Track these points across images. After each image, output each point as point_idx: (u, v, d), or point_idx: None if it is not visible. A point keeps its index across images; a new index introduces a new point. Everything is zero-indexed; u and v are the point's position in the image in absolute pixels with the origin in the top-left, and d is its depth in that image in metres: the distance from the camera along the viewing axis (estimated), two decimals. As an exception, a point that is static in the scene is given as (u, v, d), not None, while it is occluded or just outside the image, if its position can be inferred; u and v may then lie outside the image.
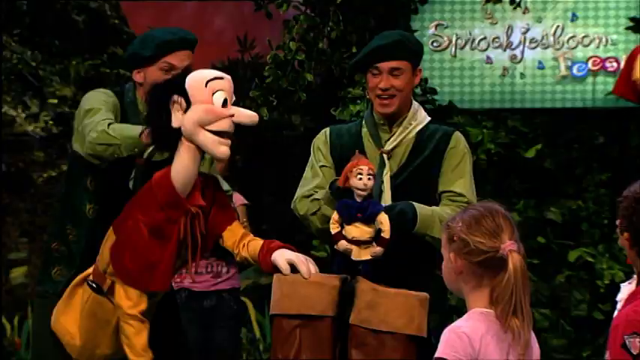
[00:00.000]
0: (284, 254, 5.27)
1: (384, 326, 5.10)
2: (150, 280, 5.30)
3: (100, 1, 10.53)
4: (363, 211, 5.22)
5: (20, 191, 9.52)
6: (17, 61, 10.03)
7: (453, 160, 5.73)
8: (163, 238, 5.30)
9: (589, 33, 8.60)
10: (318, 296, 5.25)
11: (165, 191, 5.24)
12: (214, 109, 5.10)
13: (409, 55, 5.79)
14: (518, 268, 3.91)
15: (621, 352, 3.91)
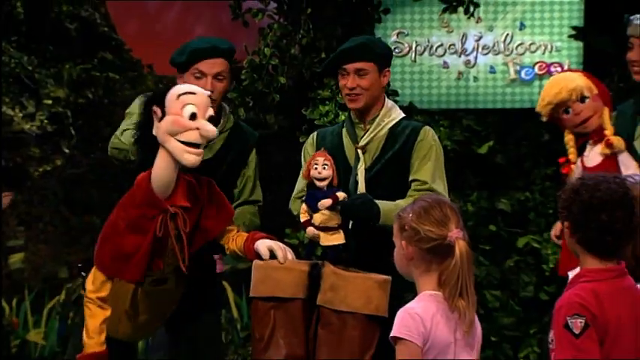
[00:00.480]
0: (265, 242, 5.36)
1: (345, 307, 5.16)
2: (122, 271, 5.34)
3: (91, 11, 10.49)
4: (325, 198, 5.30)
5: (18, 184, 9.50)
6: (15, 65, 10.01)
7: (421, 152, 5.72)
8: (139, 233, 5.30)
9: (535, 40, 8.61)
10: (289, 280, 5.31)
11: (144, 191, 5.27)
12: (180, 121, 5.12)
13: (374, 57, 5.79)
14: (464, 254, 4.05)
15: (564, 331, 3.94)
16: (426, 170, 5.67)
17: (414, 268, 4.19)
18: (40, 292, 8.99)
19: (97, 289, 5.33)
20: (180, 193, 5.34)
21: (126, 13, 11.14)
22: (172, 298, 5.71)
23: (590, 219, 4.03)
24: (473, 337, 4.17)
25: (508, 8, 8.65)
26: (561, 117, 5.92)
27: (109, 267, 5.36)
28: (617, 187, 4.09)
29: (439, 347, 4.06)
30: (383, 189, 5.64)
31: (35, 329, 8.74)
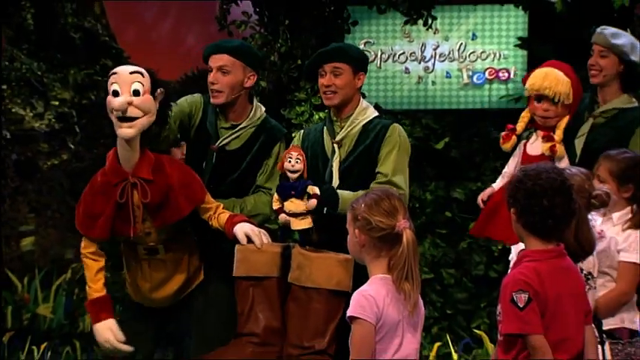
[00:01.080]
0: (243, 227, 5.44)
1: (310, 283, 5.23)
2: (91, 229, 5.46)
3: (93, 22, 10.46)
4: (296, 189, 5.37)
5: (29, 176, 9.53)
6: (25, 70, 10.00)
7: (387, 147, 5.69)
8: (104, 197, 5.39)
9: (486, 49, 8.72)
10: (264, 261, 5.41)
11: (110, 162, 5.40)
12: (108, 99, 5.25)
13: (349, 60, 5.78)
14: (410, 242, 4.11)
15: (510, 305, 4.00)
16: (389, 164, 5.63)
17: (365, 254, 4.23)
18: (49, 272, 9.02)
19: (85, 246, 5.51)
20: (144, 166, 5.39)
21: (124, 24, 11.14)
22: (167, 270, 5.73)
23: (533, 205, 4.06)
24: (417, 316, 4.18)
25: (462, 20, 8.69)
26: (532, 100, 5.94)
27: (82, 225, 5.49)
28: (556, 176, 4.12)
29: (389, 325, 4.09)
30: (354, 179, 5.63)
31: (44, 304, 8.75)
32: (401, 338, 4.14)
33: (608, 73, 6.26)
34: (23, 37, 10.22)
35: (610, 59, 6.26)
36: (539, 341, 3.99)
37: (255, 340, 5.40)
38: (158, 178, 5.45)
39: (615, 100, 6.29)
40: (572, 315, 4.12)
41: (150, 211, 5.47)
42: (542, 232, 4.12)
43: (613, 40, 6.27)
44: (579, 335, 4.16)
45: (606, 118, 6.27)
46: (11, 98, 9.92)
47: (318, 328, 5.24)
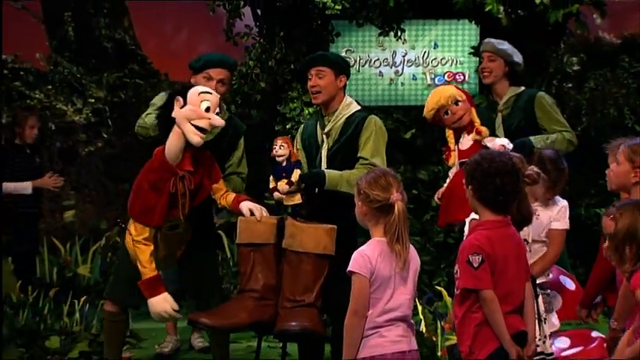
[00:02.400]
0: (246, 204, 5.45)
1: (300, 248, 5.25)
2: (148, 219, 5.39)
3: (122, 34, 10.44)
4: (286, 171, 5.43)
5: (70, 160, 9.51)
6: (67, 73, 9.98)
7: (365, 135, 5.69)
8: (158, 191, 5.33)
9: (445, 56, 8.66)
10: (262, 230, 5.41)
11: (160, 160, 5.32)
12: (197, 111, 5.22)
13: (329, 64, 5.79)
14: (401, 211, 4.12)
15: (466, 265, 4.04)
16: (368, 149, 5.63)
17: (367, 221, 4.24)
18: (87, 239, 9.00)
19: (138, 233, 5.40)
20: (186, 160, 5.36)
21: (148, 36, 11.13)
22: (182, 239, 5.70)
23: (488, 183, 4.11)
24: (408, 271, 4.18)
25: (426, 33, 8.68)
26: (442, 118, 5.87)
27: (139, 217, 5.43)
28: (507, 160, 4.20)
29: (382, 278, 4.11)
30: (339, 163, 5.64)
31: (83, 265, 8.73)
32: (392, 290, 4.15)
33: (497, 74, 6.54)
34: (66, 47, 10.19)
35: (497, 62, 6.54)
36: (490, 295, 4.03)
37: (255, 295, 5.39)
38: (197, 168, 5.46)
39: (507, 92, 6.55)
40: (515, 273, 4.16)
41: (191, 196, 5.46)
42: (494, 205, 4.16)
43: (499, 46, 6.55)
44: (521, 290, 4.20)
45: (508, 107, 6.50)
46: (55, 96, 9.90)
47: (307, 285, 5.26)
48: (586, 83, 8.94)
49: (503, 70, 6.51)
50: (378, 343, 4.15)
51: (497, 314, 4.05)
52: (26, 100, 9.74)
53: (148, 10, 11.87)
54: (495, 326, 4.05)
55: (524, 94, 6.52)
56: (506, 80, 6.54)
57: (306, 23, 8.62)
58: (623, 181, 4.76)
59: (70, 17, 10.19)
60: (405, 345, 4.19)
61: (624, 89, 8.84)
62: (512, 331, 4.08)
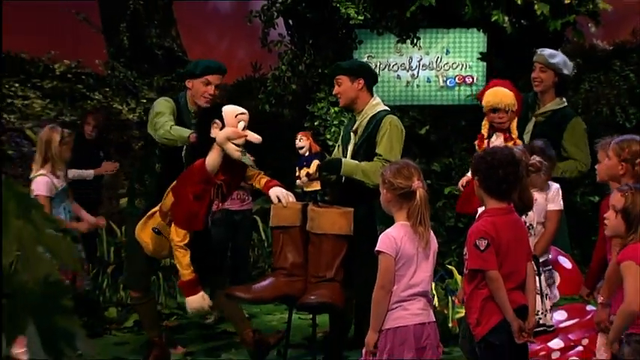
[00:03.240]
0: (275, 191, 5.49)
1: (320, 230, 5.31)
2: (192, 225, 5.43)
3: (171, 42, 10.49)
4: (307, 162, 5.45)
5: (124, 154, 9.53)
6: (123, 77, 10.03)
7: (381, 133, 5.69)
8: (201, 200, 5.38)
9: (456, 61, 8.59)
10: (289, 214, 5.47)
11: (202, 172, 5.36)
12: (238, 132, 5.28)
13: (343, 71, 5.85)
14: (422, 197, 4.11)
15: (474, 248, 4.06)
16: (383, 146, 5.65)
17: (391, 207, 4.22)
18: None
19: (181, 239, 5.41)
20: (220, 170, 5.41)
21: (193, 44, 11.17)
22: None
23: (492, 174, 4.13)
24: (429, 250, 4.17)
25: (438, 40, 8.63)
26: (490, 114, 5.87)
27: (184, 224, 5.44)
28: (508, 152, 4.28)
29: (406, 257, 4.09)
30: (362, 158, 5.68)
31: (136, 246, 8.79)
32: (415, 267, 4.13)
33: (546, 84, 6.41)
34: (121, 54, 10.24)
35: (548, 73, 6.40)
36: (494, 274, 4.05)
37: (285, 272, 5.46)
38: (225, 175, 5.48)
39: (551, 103, 6.43)
40: (518, 255, 4.17)
41: (224, 198, 5.59)
42: (497, 194, 4.17)
43: (550, 60, 6.39)
44: (522, 269, 4.21)
45: (545, 117, 6.41)
46: (112, 97, 9.94)
47: (327, 262, 5.32)
48: (582, 85, 8.91)
49: (552, 81, 6.42)
50: (401, 315, 4.14)
51: (501, 291, 4.07)
52: (87, 101, 9.80)
53: (194, 21, 11.93)
54: (499, 301, 4.08)
55: (563, 111, 6.44)
56: (553, 90, 6.45)
57: (333, 32, 8.61)
58: (613, 173, 4.76)
59: (125, 28, 10.23)
60: (425, 317, 4.19)
61: (616, 90, 8.81)
62: (514, 305, 4.10)
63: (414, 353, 4.09)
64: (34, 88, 9.84)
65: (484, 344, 4.15)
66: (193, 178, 5.41)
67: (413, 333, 4.11)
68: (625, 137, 4.81)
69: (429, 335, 4.16)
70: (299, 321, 6.79)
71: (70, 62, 10.33)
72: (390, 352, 4.10)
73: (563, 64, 6.42)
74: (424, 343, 4.14)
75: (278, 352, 6.00)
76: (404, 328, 4.12)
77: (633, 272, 3.84)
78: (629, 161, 4.64)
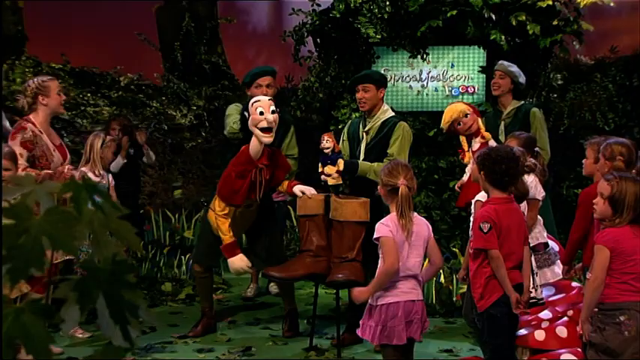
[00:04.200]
0: (299, 187, 5.58)
1: (342, 218, 5.33)
2: (232, 199, 5.49)
3: (217, 58, 10.50)
4: (331, 160, 5.46)
5: (178, 152, 9.57)
6: (176, 87, 10.07)
7: (394, 136, 5.70)
8: (243, 179, 5.41)
9: (460, 73, 8.52)
10: (313, 205, 5.50)
11: (246, 156, 5.41)
12: (256, 117, 5.32)
13: (372, 81, 5.82)
14: (403, 194, 4.11)
15: (478, 231, 4.07)
16: (394, 148, 5.66)
17: (386, 200, 4.25)
18: (191, 210, 9.07)
19: (222, 209, 5.51)
20: (264, 157, 5.45)
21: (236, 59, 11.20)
22: (253, 215, 5.78)
23: (496, 168, 4.13)
24: (419, 240, 4.16)
25: (445, 55, 8.58)
26: (456, 128, 5.98)
27: (226, 198, 5.50)
28: (509, 150, 4.29)
29: (398, 243, 4.10)
30: (374, 156, 5.69)
31: (187, 230, 8.81)
32: (406, 252, 4.11)
33: (504, 89, 6.55)
34: (175, 68, 10.28)
35: (506, 80, 6.55)
36: (496, 253, 4.05)
37: (311, 254, 5.49)
38: (271, 162, 5.52)
39: (510, 105, 6.54)
40: (516, 238, 4.16)
41: (266, 183, 5.53)
42: (500, 186, 4.17)
43: (509, 68, 6.55)
44: (520, 251, 4.20)
45: (510, 117, 6.48)
46: (167, 105, 9.96)
47: (349, 245, 5.32)
48: (567, 94, 8.86)
49: (509, 87, 6.53)
50: (393, 293, 4.14)
51: (502, 269, 4.05)
52: (146, 108, 9.84)
53: (236, 40, 11.95)
54: (499, 277, 4.07)
55: (523, 108, 6.49)
56: (510, 95, 6.54)
57: (354, 49, 8.57)
58: (597, 170, 4.74)
59: (178, 46, 10.27)
60: (414, 296, 4.18)
61: (596, 99, 8.76)
62: (513, 282, 4.10)
63: (403, 325, 4.09)
64: (103, 97, 9.89)
65: (486, 315, 4.13)
66: (238, 159, 5.49)
67: (403, 308, 4.11)
68: (610, 140, 4.78)
69: (417, 311, 4.15)
70: (324, 295, 6.79)
71: (132, 75, 10.37)
72: (384, 323, 4.11)
73: (519, 74, 6.56)
74: (412, 317, 4.13)
75: (307, 320, 6.00)
76: (395, 304, 4.12)
77: (601, 254, 3.82)
78: (610, 160, 4.63)
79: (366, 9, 8.21)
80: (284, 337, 5.93)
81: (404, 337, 4.07)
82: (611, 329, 3.74)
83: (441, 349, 5.50)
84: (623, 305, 3.75)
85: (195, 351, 5.58)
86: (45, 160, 5.45)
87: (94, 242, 1.29)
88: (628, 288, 3.77)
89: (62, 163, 5.54)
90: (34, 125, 5.47)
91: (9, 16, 9.95)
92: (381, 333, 4.10)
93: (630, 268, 3.78)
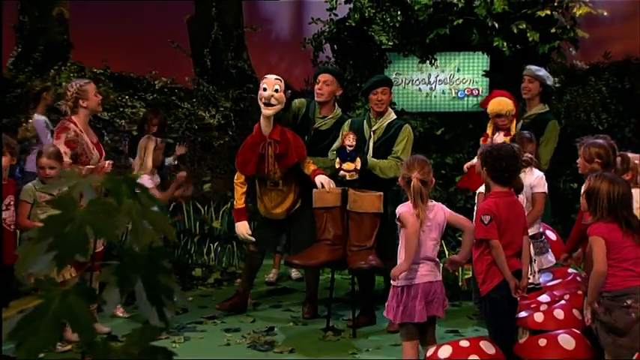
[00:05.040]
0: (320, 177, 5.56)
1: (361, 209, 5.34)
2: (244, 169, 5.65)
3: (243, 63, 10.50)
4: (351, 157, 5.42)
5: (207, 150, 9.59)
6: (205, 90, 10.09)
7: (400, 137, 5.68)
8: (253, 151, 5.53)
9: (465, 77, 8.52)
10: (331, 198, 5.49)
11: (256, 130, 5.56)
12: (260, 93, 5.50)
13: (390, 84, 5.85)
14: (415, 186, 4.08)
15: (480, 222, 4.05)
16: (399, 147, 5.65)
17: (404, 191, 4.26)
18: (218, 202, 9.07)
19: (237, 178, 5.77)
20: (275, 132, 5.54)
21: (260, 64, 11.19)
22: (283, 195, 5.82)
23: (497, 164, 4.12)
24: (435, 224, 4.16)
25: (451, 60, 8.57)
26: (496, 118, 5.93)
27: (240, 167, 5.72)
28: (509, 148, 4.27)
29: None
30: (382, 153, 5.67)
31: (216, 221, 8.81)
32: (422, 238, 4.11)
33: (533, 93, 6.35)
34: (205, 72, 10.28)
35: (535, 84, 6.34)
36: (496, 243, 4.04)
37: (329, 242, 5.49)
38: (283, 139, 5.56)
39: (536, 108, 6.35)
40: (515, 228, 4.15)
41: (277, 159, 5.59)
42: (501, 181, 4.15)
43: (537, 73, 6.36)
44: (519, 240, 4.18)
45: (530, 120, 6.30)
46: (198, 106, 9.97)
47: (367, 234, 5.34)
48: (564, 96, 8.81)
49: (538, 90, 6.34)
50: (413, 276, 4.13)
51: (501, 256, 4.04)
52: (178, 109, 9.87)
53: (261, 47, 11.97)
54: (499, 265, 4.06)
55: (545, 116, 6.31)
56: (538, 97, 6.37)
57: (368, 55, 8.55)
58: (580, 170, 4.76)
59: (208, 52, 10.28)
60: (432, 277, 4.18)
61: (591, 100, 8.70)
62: (512, 269, 4.08)
63: (423, 305, 4.10)
64: (139, 100, 9.94)
65: (487, 298, 4.14)
66: (252, 134, 5.65)
67: (422, 289, 4.10)
68: (599, 142, 4.72)
69: (435, 291, 4.16)
70: (340, 280, 6.79)
71: (166, 79, 10.41)
72: (405, 303, 4.12)
73: (547, 77, 6.40)
74: (432, 297, 4.15)
75: (326, 303, 6.01)
76: (415, 286, 4.12)
77: (599, 244, 3.80)
78: (588, 162, 4.61)
79: (379, 18, 8.21)
80: (304, 318, 5.94)
81: (424, 316, 4.10)
82: (619, 311, 3.77)
83: (447, 330, 5.49)
84: (628, 291, 3.77)
85: (223, 330, 5.61)
86: (85, 157, 5.49)
87: (133, 231, 1.30)
88: (630, 274, 3.79)
89: (99, 160, 5.58)
90: (75, 125, 5.51)
91: (56, 26, 10.02)
92: (403, 312, 4.12)
93: (626, 253, 3.80)
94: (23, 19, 9.98)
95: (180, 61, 10.74)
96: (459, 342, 4.12)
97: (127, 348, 1.25)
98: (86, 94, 5.55)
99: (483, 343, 4.06)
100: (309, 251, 5.58)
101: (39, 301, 1.21)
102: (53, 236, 1.21)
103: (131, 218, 1.28)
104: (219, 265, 7.64)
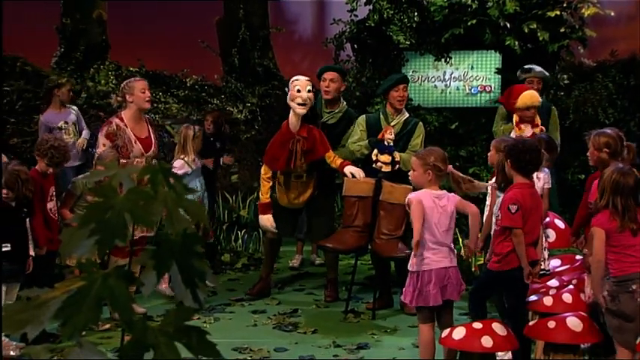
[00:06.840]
0: (349, 168, 5.52)
1: (395, 200, 5.34)
2: (273, 165, 5.61)
3: (268, 61, 10.49)
4: (388, 149, 5.42)
5: (235, 142, 9.59)
6: (233, 87, 10.10)
7: (417, 133, 5.71)
8: (282, 147, 5.50)
9: (479, 74, 8.50)
10: (365, 187, 5.47)
11: (285, 128, 5.50)
12: (292, 93, 5.44)
13: (408, 82, 5.90)
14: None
15: (506, 211, 4.03)
16: (415, 143, 5.68)
17: (424, 181, 4.24)
18: (245, 192, 9.11)
19: (265, 173, 5.68)
20: (303, 130, 5.50)
21: (285, 63, 11.18)
22: (306, 186, 5.78)
23: (521, 157, 4.10)
24: (446, 212, 4.15)
25: (465, 59, 8.54)
26: (524, 111, 5.79)
27: (269, 163, 5.66)
28: (533, 142, 4.29)
29: (428, 209, 4.10)
30: (400, 148, 5.64)
31: (243, 210, 8.84)
32: (436, 222, 4.10)
33: (538, 88, 6.40)
34: (233, 70, 10.27)
35: (541, 83, 6.52)
36: (519, 232, 4.03)
37: (358, 229, 5.49)
38: (310, 136, 5.54)
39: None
40: (535, 218, 4.15)
41: (304, 154, 5.56)
42: (524, 173, 4.14)
43: (545, 73, 6.61)
44: (537, 229, 4.22)
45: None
46: (226, 102, 9.98)
47: (398, 224, 5.35)
48: (573, 92, 8.74)
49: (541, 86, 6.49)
50: (427, 262, 4.12)
51: (522, 245, 4.05)
52: (208, 105, 9.88)
53: (285, 46, 11.97)
54: (519, 252, 4.05)
55: (544, 104, 6.33)
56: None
57: (387, 53, 8.54)
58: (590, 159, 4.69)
59: (236, 51, 10.28)
60: (447, 263, 4.16)
61: (598, 96, 8.63)
62: (528, 259, 4.08)
63: (437, 290, 4.08)
64: (172, 96, 9.98)
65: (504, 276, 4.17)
66: (280, 131, 5.59)
67: (436, 275, 4.09)
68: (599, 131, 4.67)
69: (450, 276, 4.14)
70: (360, 265, 6.79)
71: (196, 77, 10.44)
72: (420, 288, 4.10)
73: (544, 72, 6.62)
74: (446, 281, 4.13)
75: (346, 287, 6.01)
76: (429, 271, 4.11)
77: (598, 234, 3.81)
78: (597, 150, 4.53)
79: (397, 19, 8.19)
80: (325, 301, 5.95)
81: (439, 299, 4.09)
82: (625, 297, 3.75)
83: (460, 313, 5.47)
84: (633, 276, 3.75)
85: (250, 312, 5.65)
86: (125, 150, 5.56)
87: (168, 218, 1.30)
88: (634, 260, 3.77)
89: (142, 154, 5.61)
90: (121, 120, 5.58)
91: (96, 27, 10.09)
92: (418, 297, 4.11)
93: (627, 240, 3.79)
94: (65, 21, 10.05)
95: (210, 60, 10.75)
96: (472, 324, 4.11)
97: (163, 327, 1.26)
98: (132, 89, 5.61)
99: (495, 325, 4.04)
100: (339, 237, 5.58)
101: (82, 282, 1.22)
102: (95, 222, 1.22)
103: (167, 206, 1.28)
104: (246, 251, 7.67)
